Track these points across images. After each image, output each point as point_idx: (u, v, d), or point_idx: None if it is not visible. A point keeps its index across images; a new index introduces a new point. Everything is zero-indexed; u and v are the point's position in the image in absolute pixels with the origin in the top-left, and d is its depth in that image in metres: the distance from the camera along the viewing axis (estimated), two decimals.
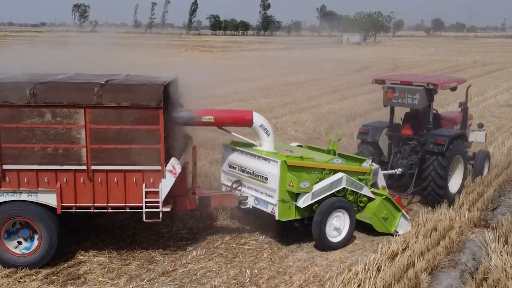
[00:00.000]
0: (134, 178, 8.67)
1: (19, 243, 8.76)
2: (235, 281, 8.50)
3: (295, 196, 9.62)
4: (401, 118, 13.32)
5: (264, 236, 10.31)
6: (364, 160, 10.92)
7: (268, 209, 9.77)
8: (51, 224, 8.63)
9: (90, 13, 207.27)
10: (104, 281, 8.38)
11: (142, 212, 8.79)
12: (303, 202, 9.58)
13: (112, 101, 8.45)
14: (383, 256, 9.12)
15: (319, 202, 9.77)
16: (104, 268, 8.80)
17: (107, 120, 8.49)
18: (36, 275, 8.43)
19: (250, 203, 10.11)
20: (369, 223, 10.41)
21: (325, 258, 9.50)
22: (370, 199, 10.44)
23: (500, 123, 21.93)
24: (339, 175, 9.97)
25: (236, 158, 10.39)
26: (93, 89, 8.42)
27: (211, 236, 10.25)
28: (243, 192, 10.20)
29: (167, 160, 8.76)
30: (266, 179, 9.67)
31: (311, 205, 9.72)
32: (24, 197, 8.56)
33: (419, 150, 12.46)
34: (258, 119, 10.01)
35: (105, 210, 8.84)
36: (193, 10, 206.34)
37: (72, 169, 8.54)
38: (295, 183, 9.41)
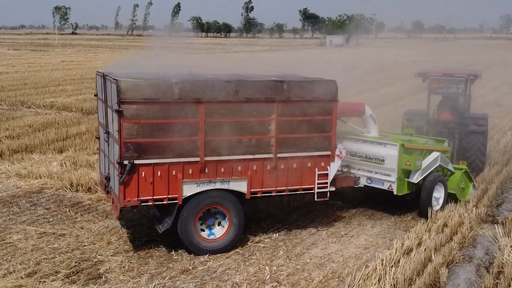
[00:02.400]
0: (308, 163, 9.85)
1: (202, 230, 9.42)
2: (256, 278, 8.56)
3: (407, 173, 11.12)
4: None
5: (277, 234, 10.38)
6: (444, 141, 12.44)
7: (384, 186, 11.24)
8: (240, 210, 9.48)
9: (70, 15, 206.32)
10: (125, 279, 8.36)
11: (314, 192, 10.00)
12: (416, 178, 11.16)
13: (298, 96, 9.57)
14: (398, 251, 9.26)
15: (424, 178, 11.26)
16: (124, 267, 8.78)
17: (292, 113, 9.57)
18: (56, 275, 8.37)
19: (362, 182, 11.38)
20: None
21: (340, 255, 9.60)
22: (451, 173, 11.99)
23: (493, 123, 22.25)
24: (436, 154, 11.61)
25: (344, 145, 11.29)
26: (283, 86, 9.42)
27: None
28: (354, 173, 11.25)
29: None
30: (383, 160, 11.12)
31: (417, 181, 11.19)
32: (218, 185, 9.33)
33: (455, 132, 14.31)
34: (368, 110, 11.59)
35: (284, 193, 9.89)
36: (176, 12, 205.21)
37: (261, 158, 9.50)
38: (412, 162, 11.01)
